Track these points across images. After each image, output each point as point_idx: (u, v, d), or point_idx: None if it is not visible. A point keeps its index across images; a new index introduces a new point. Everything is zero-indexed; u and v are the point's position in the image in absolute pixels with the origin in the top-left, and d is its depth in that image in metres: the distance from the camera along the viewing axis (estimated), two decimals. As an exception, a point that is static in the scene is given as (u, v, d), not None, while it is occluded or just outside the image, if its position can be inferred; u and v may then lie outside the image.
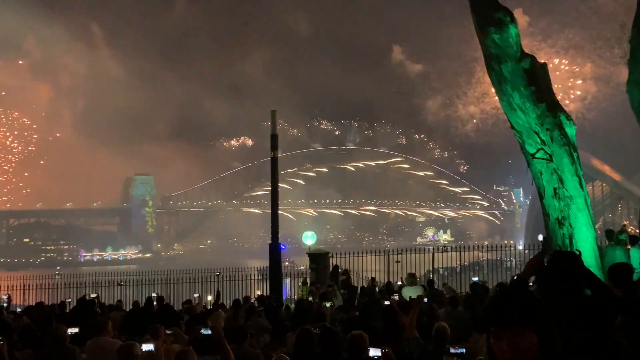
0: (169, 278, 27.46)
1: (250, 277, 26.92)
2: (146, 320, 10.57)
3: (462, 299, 12.41)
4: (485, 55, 12.38)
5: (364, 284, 21.00)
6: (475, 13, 12.54)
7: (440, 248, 26.88)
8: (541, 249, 14.75)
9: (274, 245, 21.67)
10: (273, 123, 22.03)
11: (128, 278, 28.74)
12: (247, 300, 14.66)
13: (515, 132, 12.24)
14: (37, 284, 27.34)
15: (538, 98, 11.79)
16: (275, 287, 21.24)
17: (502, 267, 30.16)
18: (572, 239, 11.36)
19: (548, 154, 11.68)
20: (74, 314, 12.57)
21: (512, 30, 12.00)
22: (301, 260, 31.20)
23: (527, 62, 12.06)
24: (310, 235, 29.12)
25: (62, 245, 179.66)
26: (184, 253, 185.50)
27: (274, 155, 21.87)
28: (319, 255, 23.09)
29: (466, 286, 20.36)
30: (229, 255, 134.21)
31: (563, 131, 11.65)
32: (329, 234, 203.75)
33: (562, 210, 11.49)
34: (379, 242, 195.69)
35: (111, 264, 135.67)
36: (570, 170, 11.52)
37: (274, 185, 22.18)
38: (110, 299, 22.62)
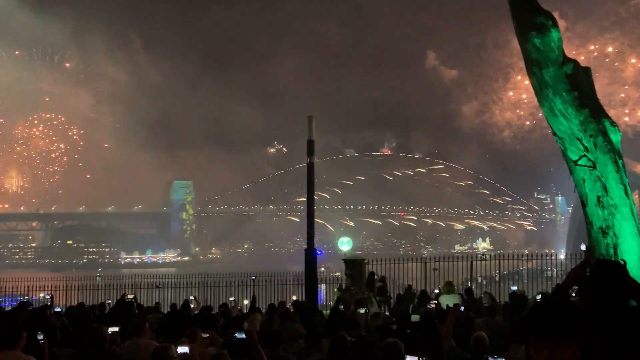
0: (206, 281, 27.75)
1: (286, 282, 26.98)
2: (183, 323, 10.70)
3: (501, 309, 12.14)
4: (526, 60, 12.15)
5: (400, 291, 20.78)
6: (515, 17, 12.32)
7: (479, 256, 26.40)
8: (583, 259, 14.32)
9: (310, 251, 21.66)
10: (310, 129, 22.04)
11: (166, 281, 29.19)
12: (282, 305, 14.68)
13: (557, 139, 11.95)
14: (78, 285, 28.00)
15: (581, 104, 11.50)
16: (310, 292, 21.22)
17: (542, 277, 29.45)
18: (617, 249, 11.00)
19: (591, 161, 11.36)
20: (112, 315, 12.82)
21: (554, 34, 11.75)
22: (337, 266, 31.11)
23: (569, 67, 11.78)
24: (346, 241, 28.96)
25: (103, 248, 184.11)
26: (221, 257, 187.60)
27: (311, 161, 21.88)
28: (354, 261, 22.96)
29: (505, 295, 19.93)
30: (265, 260, 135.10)
31: (607, 137, 11.32)
32: (365, 241, 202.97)
33: (606, 219, 11.15)
34: (416, 249, 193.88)
35: (151, 267, 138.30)
36: (615, 178, 11.17)
37: (310, 190, 22.19)
38: (148, 301, 23.00)
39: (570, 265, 22.78)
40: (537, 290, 21.58)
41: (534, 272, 30.82)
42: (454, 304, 7.75)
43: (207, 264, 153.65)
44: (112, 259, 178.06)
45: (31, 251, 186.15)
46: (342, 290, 19.44)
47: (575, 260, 20.98)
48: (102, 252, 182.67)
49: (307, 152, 21.71)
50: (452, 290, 13.73)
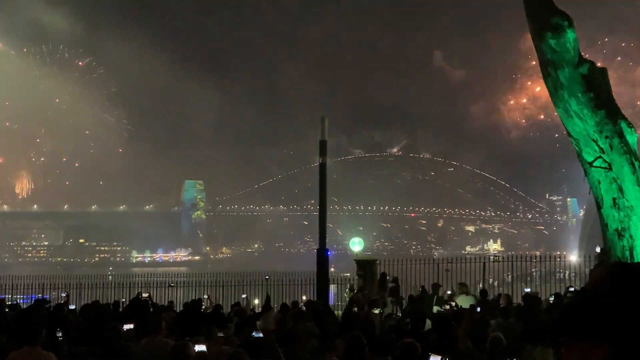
0: (217, 280, 27.90)
1: (297, 282, 27.05)
2: (197, 322, 10.77)
3: (514, 310, 12.10)
4: (541, 61, 12.10)
5: (412, 292, 20.77)
6: (530, 18, 12.27)
7: (491, 258, 26.32)
8: (598, 261, 14.23)
9: (321, 251, 21.71)
10: (322, 129, 22.08)
11: (178, 280, 29.38)
12: (295, 305, 14.73)
13: (572, 140, 11.89)
14: (91, 284, 28.25)
15: (597, 104, 11.44)
16: (321, 292, 21.27)
17: (554, 279, 29.30)
18: (633, 251, 10.93)
19: (607, 163, 11.30)
20: (128, 312, 12.92)
21: (569, 35, 11.69)
22: (347, 266, 31.14)
23: (585, 68, 11.72)
24: (357, 241, 28.98)
25: (115, 247, 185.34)
26: (232, 256, 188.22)
27: (323, 161, 21.94)
28: (366, 262, 22.99)
29: (517, 297, 19.87)
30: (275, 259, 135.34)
31: (624, 139, 11.24)
32: (376, 241, 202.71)
33: (622, 221, 11.08)
34: (427, 250, 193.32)
35: (162, 266, 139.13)
36: (631, 180, 11.09)
37: (322, 191, 22.23)
38: (161, 300, 23.16)
39: (583, 267, 22.65)
40: (549, 292, 21.51)
41: (546, 274, 30.67)
42: (470, 305, 7.75)
43: (218, 263, 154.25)
44: (123, 257, 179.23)
45: (43, 249, 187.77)
46: (356, 291, 19.47)
47: (589, 262, 20.87)
48: (114, 251, 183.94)
49: (319, 152, 21.77)
50: (466, 291, 13.69)
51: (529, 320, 10.64)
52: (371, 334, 7.80)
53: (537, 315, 11.03)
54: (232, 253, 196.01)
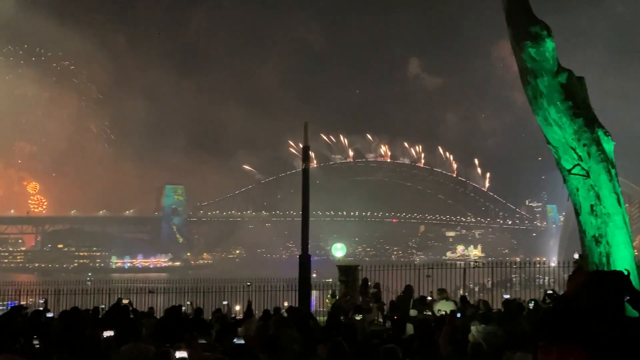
0: (198, 287, 27.73)
1: (279, 288, 26.98)
2: (178, 328, 10.69)
3: (495, 316, 12.21)
4: (521, 69, 12.24)
5: (393, 298, 20.84)
6: (511, 26, 12.42)
7: (472, 264, 26.55)
8: (576, 267, 14.45)
9: (304, 257, 21.69)
10: (305, 135, 22.15)
11: (158, 286, 29.13)
12: (277, 311, 14.70)
13: (551, 148, 12.03)
14: (69, 290, 27.88)
15: (575, 113, 11.58)
16: (303, 298, 21.24)
17: (533, 284, 29.65)
18: (610, 258, 11.09)
19: (585, 170, 11.45)
20: (108, 319, 12.78)
21: (548, 44, 11.85)
22: (329, 272, 31.17)
23: (563, 77, 11.88)
24: (340, 247, 29.03)
25: (94, 252, 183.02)
26: (213, 262, 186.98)
27: (306, 167, 21.96)
28: (348, 267, 23.03)
29: (497, 303, 20.04)
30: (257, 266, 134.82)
31: (601, 147, 11.41)
32: (357, 247, 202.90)
33: (599, 228, 11.23)
34: (408, 256, 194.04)
35: (142, 272, 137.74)
36: (608, 187, 11.26)
37: (305, 197, 22.24)
38: (141, 306, 22.94)
39: (562, 273, 22.95)
40: (528, 297, 21.73)
41: (526, 279, 31.01)
42: (451, 310, 7.81)
43: (199, 269, 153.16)
44: (103, 263, 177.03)
45: (20, 255, 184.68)
46: (339, 297, 19.48)
47: (567, 268, 21.16)
48: (93, 257, 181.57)
49: (302, 158, 21.80)
50: (446, 297, 13.79)
51: (509, 326, 10.75)
52: (354, 340, 7.83)
53: (518, 321, 11.15)
54: (214, 259, 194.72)
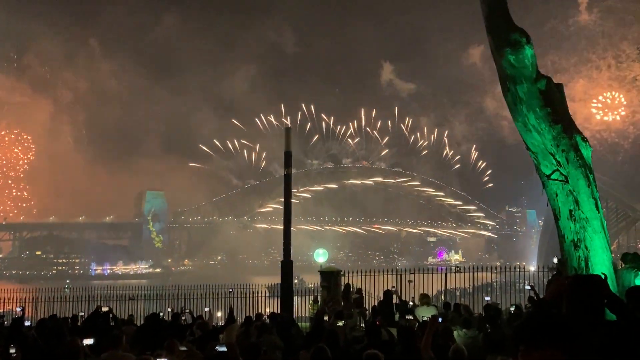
0: (179, 293, 27.49)
1: (260, 293, 26.86)
2: (158, 336, 10.57)
3: (476, 321, 12.29)
4: (501, 76, 12.38)
5: (375, 303, 20.85)
6: (491, 34, 12.57)
7: (453, 268, 26.69)
8: (555, 272, 14.60)
9: (286, 263, 21.63)
10: (287, 140, 22.12)
11: (139, 292, 28.80)
12: (259, 318, 14.63)
13: (531, 153, 12.18)
14: (47, 297, 27.44)
15: (554, 119, 11.73)
16: (286, 304, 21.16)
17: (514, 289, 29.86)
18: (588, 262, 11.23)
19: (564, 176, 11.60)
20: (87, 327, 12.61)
21: (527, 51, 12.00)
22: (310, 277, 31.10)
23: (542, 83, 12.03)
24: (322, 252, 29.07)
25: (73, 259, 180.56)
26: (194, 269, 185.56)
27: (288, 172, 21.93)
28: (330, 273, 22.97)
29: (478, 307, 20.15)
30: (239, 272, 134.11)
31: (579, 153, 11.58)
32: (340, 252, 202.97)
33: (578, 233, 11.38)
34: (390, 261, 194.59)
35: (122, 278, 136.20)
36: (586, 192, 11.42)
37: (287, 202, 22.21)
38: (121, 313, 22.67)
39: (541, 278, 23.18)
40: (509, 302, 21.89)
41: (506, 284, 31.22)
42: (432, 315, 7.84)
43: (180, 275, 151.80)
44: (82, 270, 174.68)
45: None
46: (321, 303, 19.43)
47: (546, 272, 21.37)
48: (72, 264, 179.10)
49: (284, 163, 21.77)
50: (428, 302, 13.83)
51: (490, 330, 10.82)
52: (336, 346, 7.82)
53: (498, 325, 11.23)
54: (195, 265, 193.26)
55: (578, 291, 3.37)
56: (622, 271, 12.00)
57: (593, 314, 3.35)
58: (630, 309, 4.99)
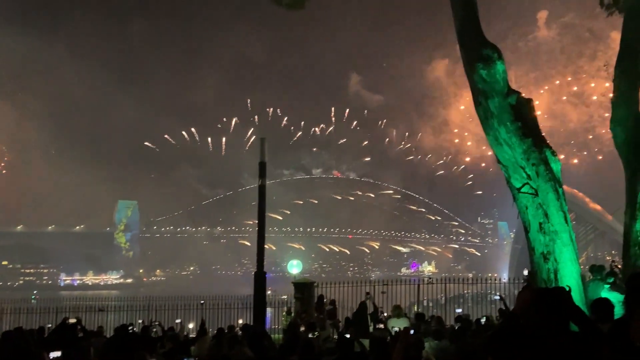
0: (150, 304, 27.10)
1: (234, 305, 26.63)
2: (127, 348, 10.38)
3: (448, 332, 12.38)
4: (473, 90, 12.59)
5: (349, 314, 20.85)
6: (463, 49, 12.79)
7: (425, 280, 26.87)
8: (525, 284, 14.81)
9: (259, 274, 21.51)
10: (262, 151, 22.08)
11: (109, 303, 28.30)
12: (231, 329, 14.50)
13: (502, 167, 12.38)
14: (13, 309, 26.78)
15: (524, 133, 11.96)
16: (259, 316, 21.02)
17: (485, 300, 30.15)
18: (557, 274, 11.42)
19: (534, 189, 11.81)
20: (54, 339, 12.32)
21: (499, 66, 12.23)
22: (284, 289, 30.99)
23: (513, 98, 12.26)
24: (296, 264, 29.00)
25: (42, 269, 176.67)
26: (166, 279, 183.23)
27: (262, 183, 21.87)
28: (304, 284, 22.92)
29: (450, 318, 20.31)
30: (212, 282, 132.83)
31: (548, 166, 11.80)
32: (314, 263, 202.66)
33: (548, 245, 11.57)
34: (364, 272, 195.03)
35: (92, 289, 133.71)
36: (556, 206, 11.64)
37: (261, 213, 22.12)
38: (90, 325, 22.23)
39: (513, 289, 23.47)
40: (480, 313, 22.11)
41: (478, 295, 31.53)
42: (404, 327, 7.88)
43: (151, 286, 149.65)
44: (50, 280, 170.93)
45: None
46: (294, 315, 19.35)
47: (517, 284, 21.66)
48: (40, 274, 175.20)
49: (259, 174, 21.71)
50: (400, 313, 13.90)
51: (461, 341, 10.91)
52: (310, 358, 7.79)
53: (469, 336, 11.33)
54: (167, 276, 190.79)
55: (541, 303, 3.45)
56: (589, 283, 12.25)
57: (556, 326, 3.42)
58: (594, 320, 5.10)
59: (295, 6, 15.59)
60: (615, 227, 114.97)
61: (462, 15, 12.77)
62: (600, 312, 5.45)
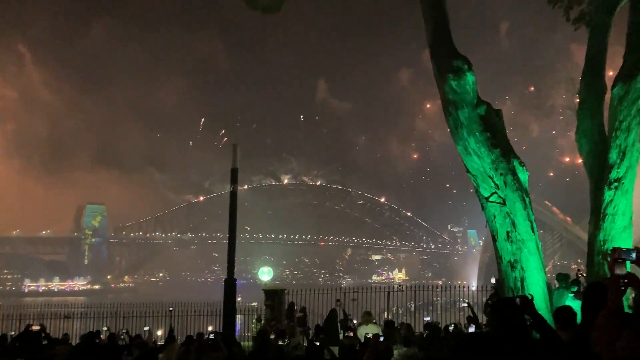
0: (118, 311, 26.68)
1: (203, 312, 26.36)
2: (94, 356, 10.24)
3: (417, 339, 12.49)
4: (443, 100, 12.76)
5: (319, 322, 20.85)
6: (434, 60, 12.97)
7: (395, 287, 27.05)
8: (493, 292, 15.04)
9: (229, 281, 21.37)
10: (234, 157, 21.97)
11: (75, 310, 27.76)
12: (200, 337, 14.37)
13: (471, 176, 12.56)
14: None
15: (493, 144, 12.16)
16: (228, 323, 20.86)
17: (454, 308, 30.47)
18: (524, 282, 11.63)
19: (502, 198, 12.01)
20: (17, 346, 12.04)
21: (469, 77, 12.44)
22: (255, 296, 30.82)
23: (483, 109, 12.47)
24: (266, 271, 28.83)
25: (5, 275, 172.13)
26: (135, 286, 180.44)
27: (234, 189, 21.77)
28: (274, 291, 22.85)
29: (420, 326, 20.46)
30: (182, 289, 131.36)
31: (516, 176, 12.03)
32: (285, 270, 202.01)
33: (515, 254, 11.78)
34: (335, 279, 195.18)
35: (58, 295, 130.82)
36: (523, 215, 11.86)
37: (232, 220, 22.00)
38: (55, 332, 21.76)
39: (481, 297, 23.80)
40: (449, 320, 22.35)
41: (448, 303, 31.88)
42: (374, 334, 7.93)
43: (119, 292, 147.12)
44: (14, 286, 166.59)
45: None
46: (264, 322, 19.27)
47: (485, 292, 21.96)
48: (3, 280, 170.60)
49: (230, 180, 21.62)
50: (370, 320, 13.96)
51: (430, 349, 11.03)
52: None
53: (437, 344, 11.45)
54: (135, 282, 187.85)
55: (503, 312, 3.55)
56: (555, 291, 12.51)
57: (518, 334, 3.52)
58: (558, 328, 5.22)
59: (271, 10, 15.62)
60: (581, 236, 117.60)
61: (433, 28, 12.97)
62: (563, 320, 5.57)
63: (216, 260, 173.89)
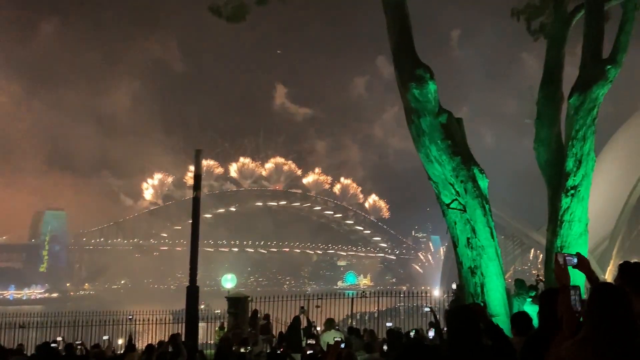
0: (76, 320, 26.04)
1: (165, 320, 25.99)
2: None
3: (379, 345, 12.55)
4: (406, 108, 12.94)
5: (283, 329, 20.77)
6: (397, 68, 13.15)
7: (360, 293, 27.18)
8: (454, 297, 15.25)
9: (192, 288, 21.06)
10: (197, 163, 21.72)
11: (31, 320, 26.95)
12: (161, 345, 14.14)
13: (432, 183, 12.75)
14: None
15: (454, 151, 12.38)
16: (190, 331, 20.55)
17: (418, 313, 30.75)
18: (484, 288, 11.84)
19: (462, 205, 12.22)
20: (-32, 359, 11.63)
21: (431, 86, 12.65)
22: (218, 303, 30.51)
23: (444, 117, 12.69)
24: (230, 278, 28.63)
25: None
26: (95, 293, 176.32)
27: (197, 195, 21.47)
28: (237, 299, 22.65)
29: (383, 332, 20.57)
30: (143, 297, 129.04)
31: (476, 184, 12.26)
32: (250, 277, 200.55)
33: (475, 260, 11.98)
34: (301, 285, 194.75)
35: (13, 304, 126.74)
36: (483, 221, 12.08)
37: (195, 225, 21.70)
38: (9, 342, 21.08)
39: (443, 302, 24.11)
40: (412, 326, 22.55)
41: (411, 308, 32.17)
42: (335, 340, 7.92)
43: (79, 300, 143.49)
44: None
45: None
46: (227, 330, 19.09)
47: (447, 297, 22.27)
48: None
49: (193, 186, 21.34)
50: (333, 327, 13.98)
51: (392, 355, 11.09)
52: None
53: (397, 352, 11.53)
54: (96, 290, 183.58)
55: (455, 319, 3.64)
56: (513, 297, 12.76)
57: (469, 341, 3.60)
58: (514, 334, 5.33)
59: (235, 19, 15.59)
60: (541, 242, 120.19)
61: (397, 38, 13.15)
62: (519, 325, 5.68)
63: (179, 267, 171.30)
